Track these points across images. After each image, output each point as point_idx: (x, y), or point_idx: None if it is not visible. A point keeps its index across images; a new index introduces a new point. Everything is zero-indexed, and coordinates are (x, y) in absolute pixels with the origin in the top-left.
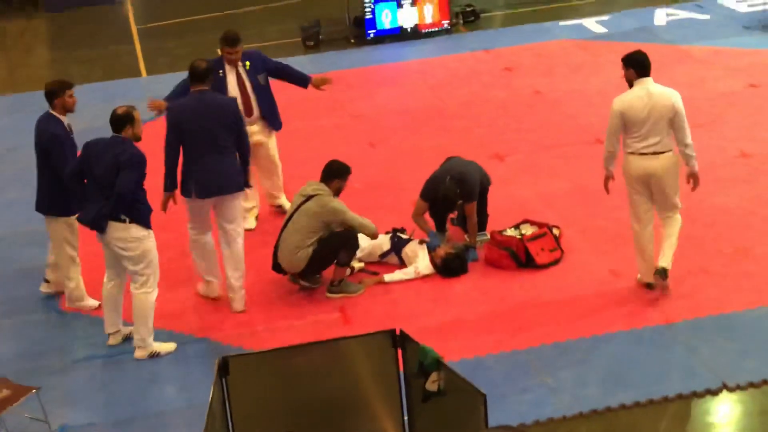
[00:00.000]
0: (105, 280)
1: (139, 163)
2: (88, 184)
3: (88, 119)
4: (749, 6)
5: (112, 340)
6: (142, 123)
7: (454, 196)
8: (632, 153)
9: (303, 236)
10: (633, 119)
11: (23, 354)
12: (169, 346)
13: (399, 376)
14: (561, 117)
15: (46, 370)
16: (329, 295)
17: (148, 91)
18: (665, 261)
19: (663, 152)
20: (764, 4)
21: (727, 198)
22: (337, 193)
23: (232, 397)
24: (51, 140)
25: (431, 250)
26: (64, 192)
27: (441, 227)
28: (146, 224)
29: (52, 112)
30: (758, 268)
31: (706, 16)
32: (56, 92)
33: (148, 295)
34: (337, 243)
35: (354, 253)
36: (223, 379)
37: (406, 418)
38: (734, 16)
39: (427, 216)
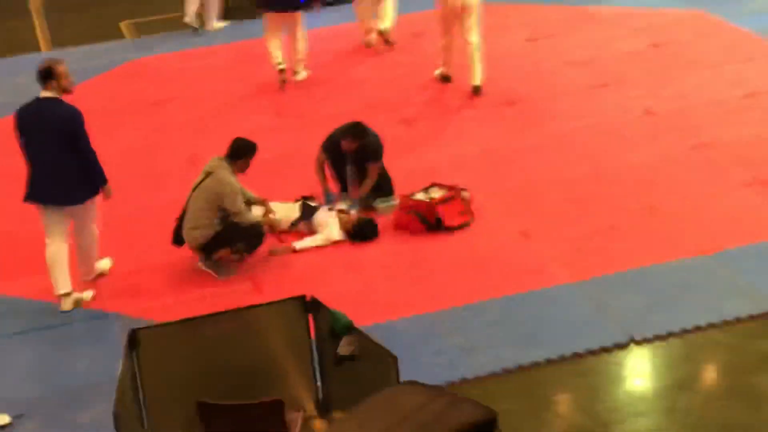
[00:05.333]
0: (49, 243)
1: (82, 119)
2: (27, 154)
3: None
4: None
5: (66, 305)
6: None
7: (352, 138)
8: None
9: (201, 214)
10: None
11: None
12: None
13: (311, 341)
14: (467, 80)
15: None
16: (200, 264)
17: None
18: (479, 79)
19: None
20: None
21: (633, 156)
22: (242, 170)
23: (142, 370)
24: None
25: (328, 206)
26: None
27: (344, 187)
28: None
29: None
30: (664, 224)
31: None
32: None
33: (93, 238)
34: (242, 234)
35: (251, 251)
36: (133, 352)
37: (319, 383)
38: None
39: (330, 181)
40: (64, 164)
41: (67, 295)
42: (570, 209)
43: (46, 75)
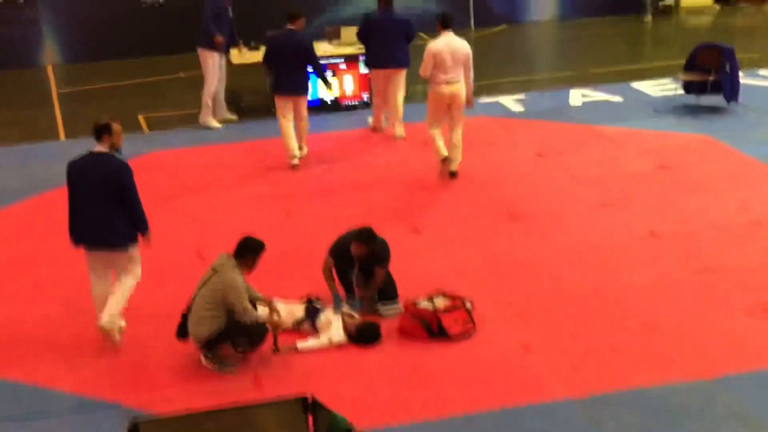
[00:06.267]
0: (94, 283)
1: (130, 172)
2: (75, 203)
3: (2, 180)
4: (661, 90)
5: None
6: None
7: (362, 243)
8: (440, 83)
9: (206, 310)
10: (441, 58)
11: None
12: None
13: None
14: (476, 192)
15: None
16: (202, 358)
17: (65, 155)
18: (456, 165)
19: (459, 81)
20: (675, 89)
21: (635, 276)
22: (249, 268)
23: None
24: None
25: (336, 309)
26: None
27: (349, 290)
28: None
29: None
30: (664, 345)
31: (620, 99)
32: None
33: (134, 278)
34: (245, 331)
35: (254, 348)
36: None
37: None
38: (646, 100)
39: (337, 282)
40: (108, 213)
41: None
42: (570, 325)
43: (103, 130)
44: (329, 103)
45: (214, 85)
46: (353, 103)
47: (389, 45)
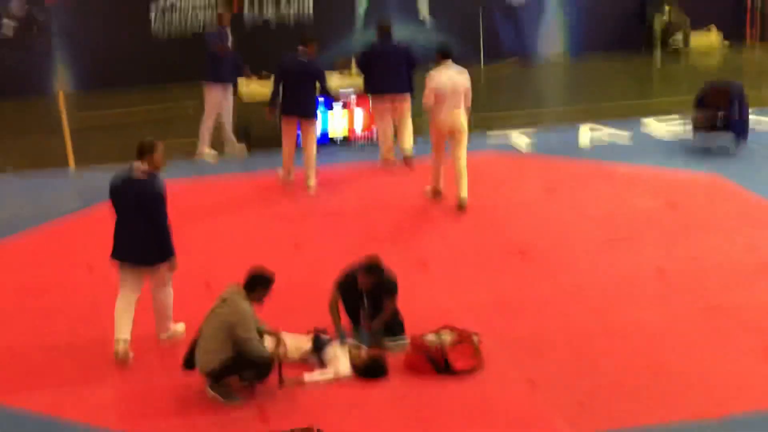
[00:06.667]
0: (120, 297)
1: (163, 196)
2: (118, 220)
3: (12, 209)
4: (670, 128)
5: (122, 348)
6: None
7: (370, 274)
8: (439, 113)
9: (213, 341)
10: (442, 88)
11: None
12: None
13: None
14: (484, 226)
15: None
16: (208, 389)
17: (75, 183)
18: (465, 192)
19: (458, 110)
20: (683, 127)
21: (642, 314)
22: (259, 300)
23: None
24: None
25: (343, 344)
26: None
27: (356, 323)
28: None
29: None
30: (670, 384)
31: (629, 136)
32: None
33: (169, 287)
34: (252, 363)
35: (260, 380)
36: None
37: None
38: (655, 138)
39: (343, 316)
40: (142, 231)
41: (123, 341)
42: (577, 362)
43: (147, 149)
44: (338, 142)
45: (212, 119)
46: (362, 138)
47: (390, 73)
